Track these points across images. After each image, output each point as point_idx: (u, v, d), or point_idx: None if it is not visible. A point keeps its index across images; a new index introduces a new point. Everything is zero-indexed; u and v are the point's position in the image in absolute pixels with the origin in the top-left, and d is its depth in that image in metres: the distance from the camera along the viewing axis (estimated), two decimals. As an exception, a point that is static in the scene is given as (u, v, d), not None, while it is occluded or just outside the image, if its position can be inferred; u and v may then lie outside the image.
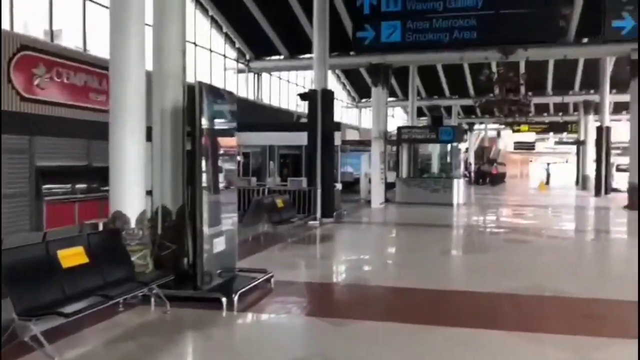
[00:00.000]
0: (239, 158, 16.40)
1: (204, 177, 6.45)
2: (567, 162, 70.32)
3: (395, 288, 7.32)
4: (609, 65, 26.27)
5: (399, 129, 21.64)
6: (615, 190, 27.32)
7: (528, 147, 46.74)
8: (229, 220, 7.14)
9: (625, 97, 31.13)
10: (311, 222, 13.45)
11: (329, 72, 15.75)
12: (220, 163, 6.86)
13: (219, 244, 6.79)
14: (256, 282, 6.78)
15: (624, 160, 32.47)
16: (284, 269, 8.24)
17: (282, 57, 23.02)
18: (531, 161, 73.03)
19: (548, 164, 45.15)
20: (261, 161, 20.71)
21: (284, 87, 26.90)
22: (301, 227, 12.69)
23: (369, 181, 21.35)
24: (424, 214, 17.34)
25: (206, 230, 6.49)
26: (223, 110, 7.04)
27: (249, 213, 11.09)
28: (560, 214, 19.04)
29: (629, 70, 19.39)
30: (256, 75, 24.25)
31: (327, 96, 14.36)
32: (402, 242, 12.65)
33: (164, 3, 7.30)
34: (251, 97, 23.72)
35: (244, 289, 6.41)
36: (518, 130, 25.66)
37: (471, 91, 33.39)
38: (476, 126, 45.23)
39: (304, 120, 24.05)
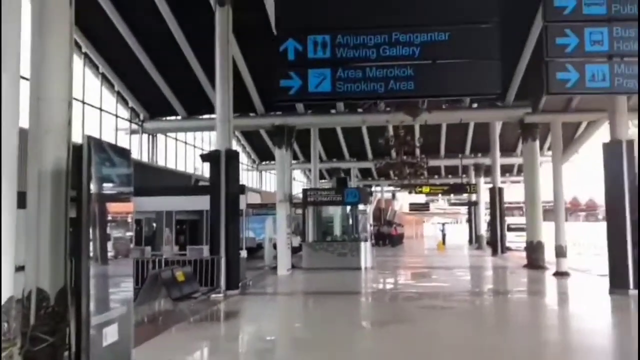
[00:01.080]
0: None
1: (93, 249, 5.26)
2: (457, 222, 73.70)
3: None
4: (498, 129, 27.69)
5: (305, 191, 21.04)
6: (509, 249, 28.28)
7: (423, 208, 48.23)
8: (123, 300, 5.91)
9: (509, 160, 33.32)
10: (215, 296, 12.17)
11: (229, 133, 14.80)
12: (113, 232, 5.71)
13: (111, 334, 5.53)
14: (157, 380, 5.54)
15: (512, 220, 34.26)
16: (189, 357, 7.03)
17: (179, 117, 21.90)
18: (424, 222, 75.78)
19: (443, 224, 46.61)
20: (155, 228, 19.16)
21: (180, 149, 25.64)
22: (204, 302, 11.37)
23: (274, 246, 20.42)
24: (333, 280, 16.58)
25: (94, 317, 5.24)
26: (117, 171, 5.94)
27: (145, 288, 9.72)
28: (468, 276, 19.00)
29: (520, 133, 20.36)
30: (150, 136, 22.88)
31: (232, 157, 13.45)
32: (315, 315, 11.60)
33: (46, 48, 6.20)
34: (145, 159, 22.23)
35: (142, 391, 5.17)
36: (420, 192, 26.21)
37: (369, 154, 34.00)
38: (373, 188, 46.01)
39: (203, 183, 22.93)
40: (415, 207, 46.56)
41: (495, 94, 6.38)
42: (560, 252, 16.95)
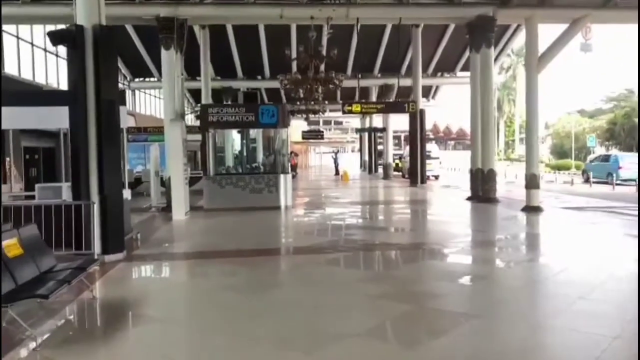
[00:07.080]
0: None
1: None
2: (338, 151, 71.30)
3: None
4: (420, 44, 24.00)
5: (205, 108, 15.76)
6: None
7: (317, 136, 44.59)
8: None
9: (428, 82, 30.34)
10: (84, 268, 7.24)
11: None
12: None
13: None
14: None
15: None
16: None
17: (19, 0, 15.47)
18: (309, 151, 72.94)
19: (336, 153, 43.44)
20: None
21: (26, 51, 19.04)
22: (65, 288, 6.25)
23: (162, 182, 15.49)
24: (255, 227, 12.17)
25: None
26: None
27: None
28: (427, 215, 15.00)
29: (469, 39, 16.73)
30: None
31: (106, 38, 8.18)
32: (259, 302, 6.50)
33: None
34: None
35: None
36: (350, 111, 22.12)
37: (267, 71, 29.28)
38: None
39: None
40: (309, 135, 42.65)
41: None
42: (532, 183, 13.82)
